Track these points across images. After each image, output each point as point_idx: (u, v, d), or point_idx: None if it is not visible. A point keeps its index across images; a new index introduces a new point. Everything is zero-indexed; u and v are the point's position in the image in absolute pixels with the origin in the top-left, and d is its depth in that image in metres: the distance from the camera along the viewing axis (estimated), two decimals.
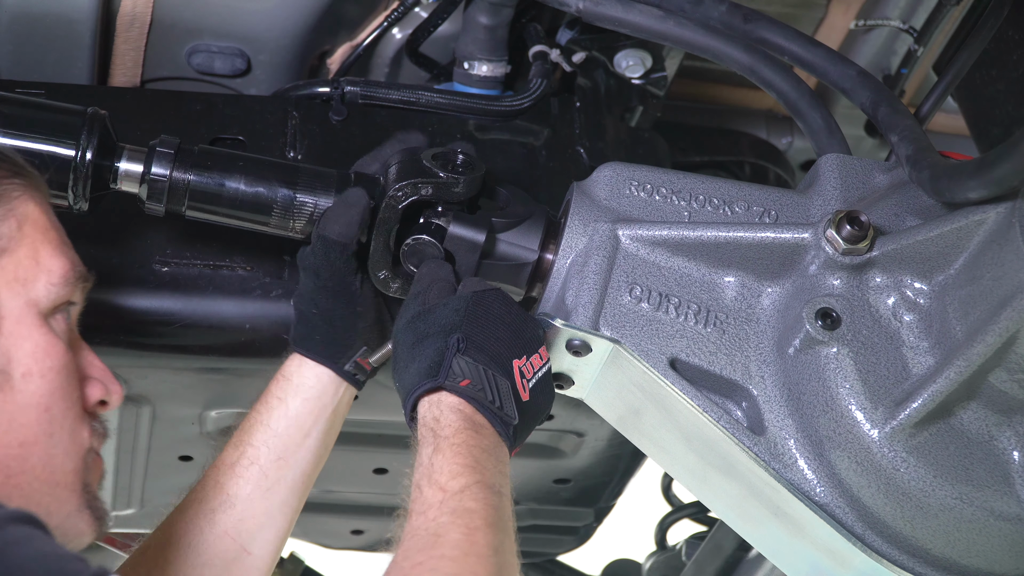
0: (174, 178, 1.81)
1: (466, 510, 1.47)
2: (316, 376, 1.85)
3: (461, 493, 1.49)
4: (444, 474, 1.52)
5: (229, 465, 1.83)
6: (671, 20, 2.06)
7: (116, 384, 1.62)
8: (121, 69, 2.22)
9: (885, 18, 2.56)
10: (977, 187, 1.64)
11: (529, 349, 1.67)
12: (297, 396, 1.84)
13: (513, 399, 1.62)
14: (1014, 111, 2.15)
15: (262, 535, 1.83)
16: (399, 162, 1.85)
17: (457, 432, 1.57)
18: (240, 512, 1.81)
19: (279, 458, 1.83)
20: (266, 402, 1.85)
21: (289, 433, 1.84)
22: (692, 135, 2.77)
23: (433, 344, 1.64)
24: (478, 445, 1.56)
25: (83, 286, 1.60)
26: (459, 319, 1.65)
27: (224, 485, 1.81)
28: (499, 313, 1.68)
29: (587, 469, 2.62)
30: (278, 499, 1.84)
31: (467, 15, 2.22)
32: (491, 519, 1.48)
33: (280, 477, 1.83)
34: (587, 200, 1.86)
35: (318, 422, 1.85)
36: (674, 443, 1.82)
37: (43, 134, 1.76)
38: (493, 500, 1.51)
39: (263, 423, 1.84)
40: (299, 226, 1.85)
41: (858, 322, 1.72)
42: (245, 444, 1.83)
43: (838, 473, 1.72)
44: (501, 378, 1.62)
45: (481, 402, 1.60)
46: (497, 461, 1.57)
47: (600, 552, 3.25)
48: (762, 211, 1.86)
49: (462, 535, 1.44)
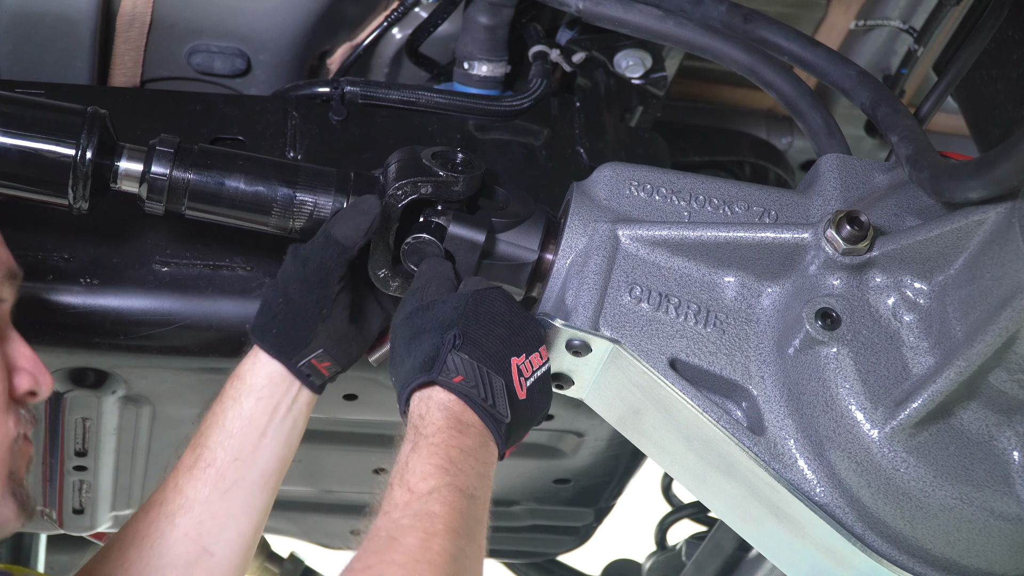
0: (174, 177, 1.81)
1: (428, 514, 1.47)
2: (267, 375, 1.82)
3: (428, 495, 1.48)
4: (416, 474, 1.51)
5: (187, 468, 1.81)
6: (671, 20, 2.06)
7: (46, 375, 1.63)
8: (121, 69, 2.22)
9: (885, 18, 2.56)
10: (977, 187, 1.64)
11: (529, 348, 1.67)
12: (251, 396, 1.82)
13: (507, 397, 1.61)
14: (1014, 111, 2.15)
15: (224, 536, 1.80)
16: (398, 161, 1.85)
17: (438, 431, 1.56)
18: (199, 515, 1.79)
19: (235, 459, 1.81)
20: (221, 402, 1.83)
21: (244, 434, 1.81)
22: (692, 135, 2.77)
23: (429, 339, 1.64)
24: (458, 445, 1.55)
25: (12, 283, 1.61)
26: (457, 316, 1.65)
27: (183, 488, 1.80)
28: (499, 311, 1.67)
29: (587, 469, 2.62)
30: (238, 500, 1.81)
31: (467, 15, 2.22)
32: (454, 524, 1.47)
33: (238, 478, 1.81)
34: (587, 200, 1.86)
35: (272, 422, 1.82)
36: (674, 443, 1.82)
37: (43, 133, 1.76)
38: (461, 504, 1.49)
39: (219, 424, 1.82)
40: (299, 225, 1.85)
41: (858, 322, 1.72)
42: (201, 446, 1.82)
43: (838, 473, 1.72)
44: (496, 376, 1.61)
45: (473, 399, 1.59)
46: (477, 462, 1.56)
47: (600, 552, 3.25)
48: (762, 211, 1.86)
49: (418, 540, 1.43)
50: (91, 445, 2.29)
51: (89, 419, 2.24)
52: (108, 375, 2.10)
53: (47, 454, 2.31)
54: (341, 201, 1.84)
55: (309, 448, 2.38)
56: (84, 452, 2.31)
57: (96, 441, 2.29)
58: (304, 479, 2.60)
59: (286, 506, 2.71)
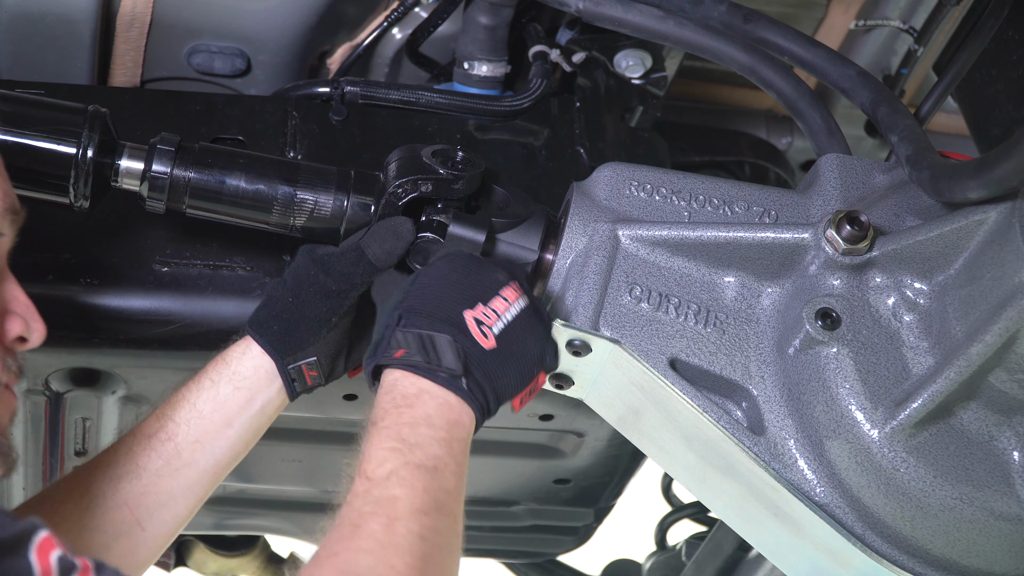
0: (175, 175, 1.81)
1: (390, 498, 1.45)
2: (255, 368, 1.80)
3: (387, 480, 1.47)
4: (371, 462, 1.50)
5: (146, 436, 1.77)
6: (671, 20, 2.06)
7: (39, 322, 1.59)
8: (121, 69, 2.22)
9: (885, 18, 2.56)
10: (977, 187, 1.64)
11: (484, 296, 1.63)
12: (231, 383, 1.79)
13: (455, 350, 1.58)
14: (1014, 111, 2.15)
15: (160, 514, 1.77)
16: (399, 159, 1.85)
17: (385, 414, 1.55)
18: (145, 485, 1.75)
19: (196, 440, 1.78)
20: (198, 381, 1.80)
21: (213, 418, 1.79)
22: (692, 135, 2.77)
23: (381, 328, 1.64)
24: (407, 422, 1.53)
25: (12, 218, 1.57)
26: (402, 295, 1.64)
27: (136, 455, 1.76)
28: (441, 274, 1.65)
29: (587, 469, 2.62)
30: (185, 481, 1.78)
31: (467, 15, 2.22)
32: (417, 504, 1.45)
33: (193, 460, 1.78)
34: (587, 200, 1.86)
35: (243, 414, 1.80)
36: (674, 443, 1.82)
37: (44, 132, 1.76)
38: (422, 481, 1.48)
39: (190, 401, 1.79)
40: (299, 223, 1.85)
41: (858, 322, 1.72)
42: (167, 418, 1.78)
43: (838, 473, 1.72)
44: (437, 335, 1.58)
45: (417, 366, 1.57)
46: (433, 428, 1.54)
47: (600, 552, 3.24)
48: (762, 211, 1.86)
49: (381, 526, 1.42)
50: (91, 445, 2.29)
51: (89, 419, 2.24)
52: (108, 375, 2.10)
53: (47, 454, 2.31)
54: (341, 199, 1.84)
55: (309, 448, 2.38)
56: (84, 452, 2.31)
57: (96, 441, 2.29)
58: (304, 479, 2.60)
59: (286, 506, 2.71)
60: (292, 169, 1.86)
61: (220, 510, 2.68)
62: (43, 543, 1.25)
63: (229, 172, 1.83)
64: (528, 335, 1.65)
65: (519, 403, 1.67)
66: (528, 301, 1.66)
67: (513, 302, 1.64)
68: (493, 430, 2.42)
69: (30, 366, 2.05)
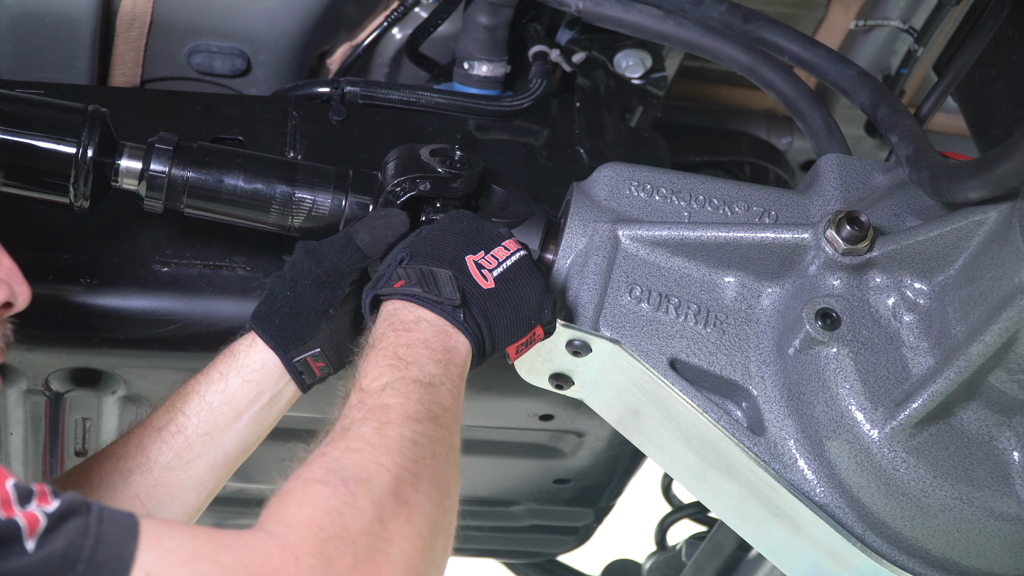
0: (173, 174, 1.81)
1: (382, 406, 1.46)
2: (261, 361, 1.80)
3: (381, 392, 1.48)
4: (367, 377, 1.51)
5: (156, 429, 1.77)
6: (671, 20, 2.06)
7: (23, 285, 1.58)
8: (121, 69, 2.22)
9: (885, 18, 2.56)
10: (977, 187, 1.64)
11: (487, 245, 1.67)
12: (239, 375, 1.79)
13: (455, 284, 1.61)
14: (1014, 111, 2.15)
15: (171, 507, 1.76)
16: (397, 158, 1.85)
17: (383, 336, 1.56)
18: (156, 478, 1.75)
19: (206, 433, 1.78)
20: (207, 374, 1.80)
21: (222, 411, 1.79)
22: (692, 135, 2.77)
23: (384, 266, 1.68)
24: (405, 343, 1.55)
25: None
26: (407, 243, 1.68)
27: (147, 447, 1.76)
28: (445, 225, 1.70)
29: (587, 469, 2.62)
30: (195, 474, 1.78)
31: (467, 15, 2.22)
32: (410, 412, 1.46)
33: (203, 453, 1.78)
34: (587, 200, 1.86)
35: (252, 406, 1.80)
36: (674, 443, 1.83)
37: (44, 131, 1.76)
38: (416, 392, 1.49)
39: (199, 394, 1.79)
40: (298, 222, 1.85)
41: (858, 322, 1.72)
42: (176, 410, 1.78)
43: (838, 473, 1.72)
44: (439, 269, 1.62)
45: (416, 296, 1.60)
46: (430, 350, 1.56)
47: (600, 552, 3.25)
48: (762, 211, 1.86)
49: (372, 429, 1.42)
50: (91, 445, 2.29)
51: (89, 419, 2.24)
52: (108, 375, 2.10)
53: (47, 454, 2.31)
54: (340, 198, 1.84)
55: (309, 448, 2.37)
56: (84, 452, 2.31)
57: (96, 441, 2.29)
58: None
59: None
60: (290, 168, 1.86)
61: (220, 510, 2.68)
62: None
63: (227, 171, 1.83)
64: (526, 283, 1.67)
65: (515, 352, 1.68)
66: (527, 252, 1.70)
67: (512, 250, 1.69)
68: (493, 430, 2.43)
69: (30, 366, 2.06)
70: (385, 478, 1.37)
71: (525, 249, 1.71)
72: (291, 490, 1.35)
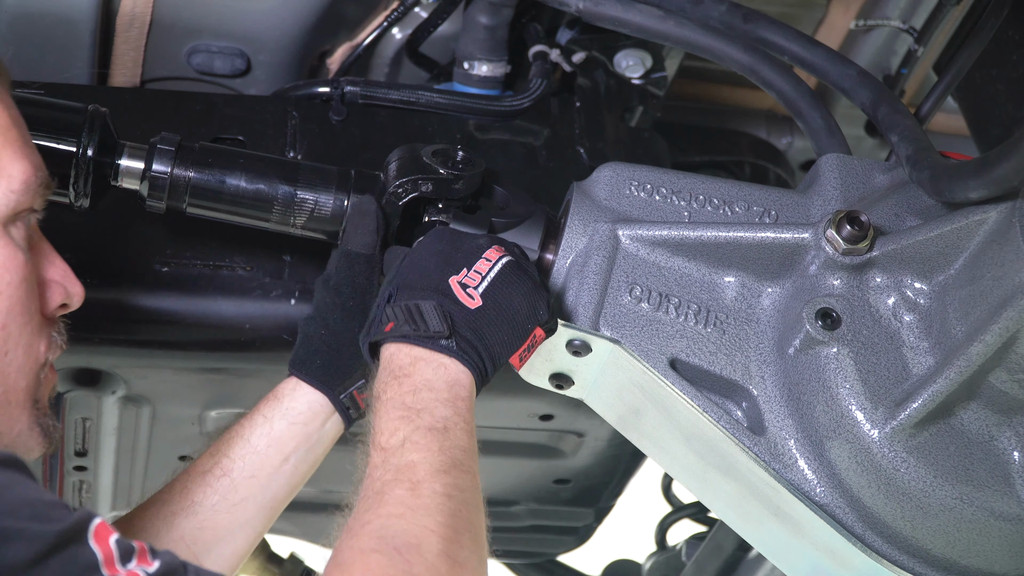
0: (175, 175, 1.81)
1: (408, 465, 1.46)
2: (308, 403, 1.81)
3: (401, 447, 1.48)
4: (383, 434, 1.51)
5: (201, 473, 1.78)
6: (671, 20, 2.06)
7: (76, 284, 1.59)
8: (121, 69, 2.22)
9: (885, 18, 2.56)
10: (977, 187, 1.64)
11: (467, 261, 1.66)
12: (284, 418, 1.80)
13: (439, 313, 1.60)
14: (1014, 111, 2.15)
15: (218, 549, 1.77)
16: (399, 159, 1.85)
17: (387, 387, 1.57)
18: (201, 520, 1.76)
19: (252, 476, 1.78)
20: (251, 418, 1.81)
21: (268, 453, 1.79)
22: (692, 135, 2.77)
23: (374, 307, 1.68)
24: (409, 389, 1.55)
25: (44, 192, 1.55)
26: (391, 278, 1.68)
27: (191, 491, 1.76)
28: (425, 248, 1.69)
29: (587, 469, 2.62)
30: (243, 516, 1.78)
31: (467, 15, 2.22)
32: (436, 465, 1.47)
33: (250, 495, 1.78)
34: (587, 200, 1.86)
35: (299, 448, 1.80)
36: (674, 443, 1.82)
37: (44, 131, 1.76)
38: (436, 442, 1.49)
39: (244, 437, 1.79)
40: (300, 222, 1.85)
41: (858, 322, 1.72)
42: (221, 455, 1.78)
43: (838, 473, 1.72)
44: (422, 303, 1.61)
45: (407, 335, 1.59)
46: (434, 391, 1.56)
47: (600, 552, 3.25)
48: (762, 211, 1.86)
49: (406, 491, 1.43)
50: (91, 445, 2.30)
51: (89, 419, 2.24)
52: (108, 375, 2.10)
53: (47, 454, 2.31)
54: (342, 199, 1.84)
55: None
56: (84, 452, 2.32)
57: (96, 441, 2.29)
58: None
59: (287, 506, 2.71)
60: (292, 169, 1.86)
61: None
62: (99, 529, 1.27)
63: (229, 172, 1.83)
64: (513, 290, 1.66)
65: (519, 361, 1.68)
66: (511, 258, 1.68)
67: (495, 260, 1.67)
68: (493, 430, 2.43)
69: None
70: (432, 540, 1.39)
71: (510, 252, 1.69)
72: (348, 561, 1.36)
